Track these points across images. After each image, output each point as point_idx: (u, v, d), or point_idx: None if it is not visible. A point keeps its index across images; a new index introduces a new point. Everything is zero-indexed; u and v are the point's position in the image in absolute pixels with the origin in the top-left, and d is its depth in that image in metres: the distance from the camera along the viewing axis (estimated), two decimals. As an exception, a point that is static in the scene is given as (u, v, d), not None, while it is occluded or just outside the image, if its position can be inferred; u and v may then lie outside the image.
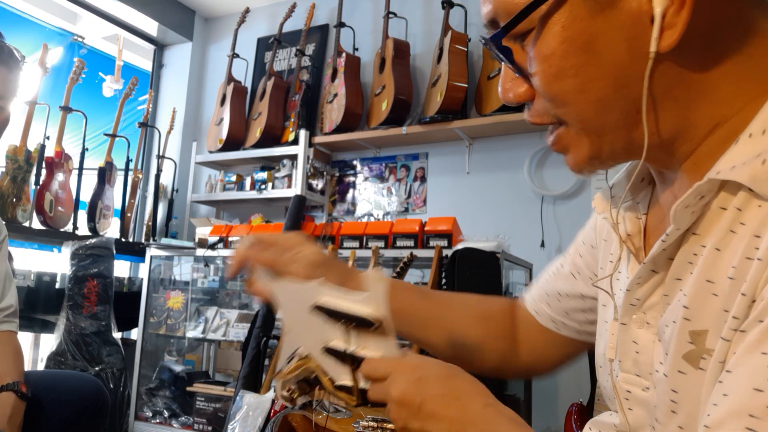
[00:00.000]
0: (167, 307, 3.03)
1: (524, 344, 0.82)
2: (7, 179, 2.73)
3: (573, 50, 0.46)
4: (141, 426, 2.83)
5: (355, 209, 3.24)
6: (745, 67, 0.46)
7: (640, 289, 0.54)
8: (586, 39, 0.46)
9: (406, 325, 0.78)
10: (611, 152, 0.51)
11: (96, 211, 3.11)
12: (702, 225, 0.47)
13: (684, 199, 0.46)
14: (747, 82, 0.46)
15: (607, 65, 0.46)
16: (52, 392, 1.40)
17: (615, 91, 0.47)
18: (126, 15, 3.62)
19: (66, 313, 2.74)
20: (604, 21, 0.45)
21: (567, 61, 0.47)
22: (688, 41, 0.44)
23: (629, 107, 0.47)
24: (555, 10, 0.46)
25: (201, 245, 2.90)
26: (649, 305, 0.54)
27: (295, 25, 3.45)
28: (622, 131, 0.49)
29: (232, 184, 3.39)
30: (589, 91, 0.47)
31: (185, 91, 3.87)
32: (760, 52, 0.46)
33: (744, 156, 0.43)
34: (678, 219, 0.47)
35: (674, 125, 0.48)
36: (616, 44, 0.45)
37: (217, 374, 3.10)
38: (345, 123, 3.05)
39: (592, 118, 0.49)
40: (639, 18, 0.44)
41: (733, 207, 0.44)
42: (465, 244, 2.15)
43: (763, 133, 0.43)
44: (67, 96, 3.03)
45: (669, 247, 0.50)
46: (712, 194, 0.46)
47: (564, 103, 0.49)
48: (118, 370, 2.79)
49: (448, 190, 2.97)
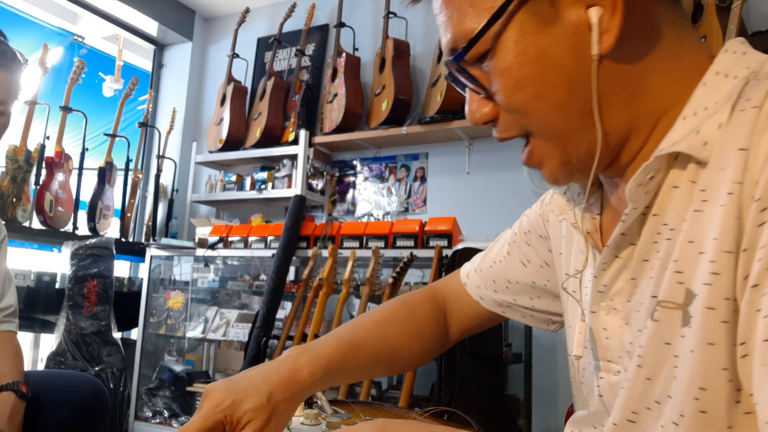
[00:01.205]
0: (167, 307, 3.03)
1: (456, 326, 0.87)
2: (7, 179, 2.73)
3: (527, 61, 0.51)
4: (141, 426, 2.83)
5: (355, 209, 3.24)
6: (675, 63, 0.52)
7: (605, 275, 0.57)
8: (537, 50, 0.51)
9: (353, 379, 0.78)
10: (578, 157, 0.55)
11: (96, 211, 3.11)
12: (659, 204, 0.51)
13: (635, 177, 0.50)
14: (678, 76, 0.52)
15: (558, 72, 0.51)
16: (52, 392, 1.40)
17: (568, 94, 0.52)
18: (126, 15, 3.62)
19: (66, 313, 2.74)
20: (551, 33, 0.51)
21: (523, 72, 0.52)
22: (623, 42, 0.50)
23: (583, 108, 0.52)
24: (506, 29, 0.51)
25: (201, 245, 2.90)
26: (615, 292, 0.57)
27: (295, 25, 3.45)
28: (582, 133, 0.53)
29: (232, 184, 3.39)
30: (546, 97, 0.52)
31: (185, 91, 3.87)
32: (685, 49, 0.53)
33: (681, 134, 0.49)
34: (633, 198, 0.51)
35: (624, 122, 0.53)
36: (564, 52, 0.51)
37: (217, 374, 3.10)
38: (345, 123, 3.05)
39: (552, 123, 0.53)
40: (580, 27, 0.50)
41: (686, 181, 0.49)
42: (465, 244, 2.15)
43: (695, 114, 0.49)
44: (67, 96, 3.03)
45: (630, 231, 0.54)
46: (661, 174, 0.51)
47: (526, 111, 0.54)
48: (118, 370, 2.79)
49: (448, 190, 2.97)
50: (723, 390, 0.44)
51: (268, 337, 2.45)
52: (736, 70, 0.50)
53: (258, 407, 0.61)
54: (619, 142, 0.54)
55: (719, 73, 0.50)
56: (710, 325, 0.44)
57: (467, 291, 0.86)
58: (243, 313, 2.90)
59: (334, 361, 0.69)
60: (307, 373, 0.66)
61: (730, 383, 0.44)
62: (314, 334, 2.27)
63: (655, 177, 0.51)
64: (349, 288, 2.32)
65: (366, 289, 2.26)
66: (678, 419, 0.48)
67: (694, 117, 0.49)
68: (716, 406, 0.45)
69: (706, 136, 0.47)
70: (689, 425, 0.47)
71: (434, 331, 0.84)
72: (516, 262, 0.79)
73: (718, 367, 0.44)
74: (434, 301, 0.87)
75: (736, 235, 0.43)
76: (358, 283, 2.36)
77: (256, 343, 2.43)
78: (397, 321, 0.81)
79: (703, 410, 0.46)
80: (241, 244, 2.81)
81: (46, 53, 2.91)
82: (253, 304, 3.02)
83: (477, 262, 0.86)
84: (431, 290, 0.89)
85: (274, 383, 0.64)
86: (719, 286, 0.44)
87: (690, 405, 0.46)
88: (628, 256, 0.55)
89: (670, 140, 0.50)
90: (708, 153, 0.47)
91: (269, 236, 2.75)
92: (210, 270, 3.13)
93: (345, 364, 0.71)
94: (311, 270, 2.47)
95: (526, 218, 0.80)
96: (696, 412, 0.46)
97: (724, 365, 0.44)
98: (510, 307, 0.82)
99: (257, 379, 0.64)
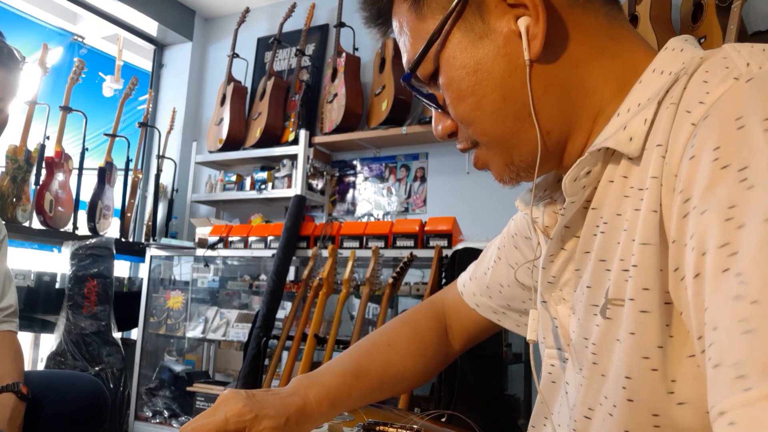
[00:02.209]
0: (167, 307, 3.03)
1: (458, 339, 0.88)
2: (7, 179, 2.73)
3: (465, 74, 0.55)
4: (141, 426, 2.83)
5: (355, 209, 3.24)
6: (610, 62, 0.55)
7: (553, 266, 0.60)
8: (473, 63, 0.55)
9: (360, 405, 0.80)
10: (520, 157, 0.58)
11: (96, 211, 3.11)
12: (597, 198, 0.54)
13: (570, 172, 0.52)
14: (615, 75, 0.55)
15: (493, 80, 0.55)
16: (52, 392, 1.40)
17: (503, 100, 0.55)
18: (126, 15, 3.62)
19: (66, 313, 2.74)
20: (483, 45, 0.55)
21: (463, 84, 0.56)
22: (551, 47, 0.53)
23: (519, 111, 0.55)
24: (444, 48, 0.56)
25: (201, 245, 2.90)
26: (563, 282, 0.59)
27: (295, 25, 3.45)
28: (521, 135, 0.56)
29: (232, 184, 3.39)
30: (485, 106, 0.56)
31: (185, 91, 3.87)
32: (623, 49, 0.55)
33: (613, 129, 0.52)
34: (569, 192, 0.53)
35: (561, 121, 0.56)
36: (497, 62, 0.54)
37: (217, 374, 3.10)
38: (345, 123, 3.05)
39: (491, 129, 0.57)
40: (510, 37, 0.54)
41: (619, 176, 0.51)
42: (465, 244, 2.15)
43: (627, 111, 0.52)
44: (67, 96, 3.03)
45: (573, 223, 0.57)
46: (597, 168, 0.53)
47: (470, 121, 0.57)
48: (118, 370, 2.79)
49: (448, 190, 2.97)
50: (647, 378, 0.46)
51: (268, 337, 2.45)
52: (671, 66, 0.51)
53: (276, 428, 0.65)
54: (560, 140, 0.57)
55: (655, 71, 0.52)
56: (631, 315, 0.46)
57: (464, 300, 0.87)
58: (243, 313, 2.90)
59: (340, 393, 0.72)
60: (315, 406, 0.70)
61: (654, 372, 0.45)
62: (314, 334, 2.27)
63: (592, 171, 0.53)
64: (349, 288, 2.32)
65: (366, 289, 2.26)
66: (612, 410, 0.49)
67: (627, 113, 0.52)
68: (641, 394, 0.46)
69: (632, 132, 0.49)
70: (619, 414, 0.48)
71: (437, 347, 0.85)
72: (505, 265, 0.80)
73: (639, 355, 0.45)
74: (435, 317, 0.88)
75: (654, 227, 0.44)
76: (358, 283, 2.36)
77: (256, 343, 2.43)
78: (401, 344, 0.83)
79: (630, 398, 0.47)
80: (241, 244, 2.81)
81: (46, 53, 2.91)
82: (253, 304, 3.02)
83: (471, 270, 0.88)
84: (431, 305, 0.90)
85: (291, 410, 0.67)
86: (638, 277, 0.45)
87: (619, 395, 0.48)
88: (572, 248, 0.58)
89: (603, 136, 0.52)
90: (634, 148, 0.49)
91: (269, 236, 2.75)
92: (210, 270, 3.13)
93: (351, 394, 0.74)
94: (311, 270, 2.47)
95: (513, 222, 0.82)
96: (624, 400, 0.47)
97: (644, 354, 0.45)
98: (505, 314, 0.83)
99: (276, 402, 0.67)
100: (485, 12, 0.54)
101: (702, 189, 0.39)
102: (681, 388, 0.44)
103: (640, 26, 2.35)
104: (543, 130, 0.55)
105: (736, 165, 0.37)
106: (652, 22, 2.28)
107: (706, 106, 0.42)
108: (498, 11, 0.54)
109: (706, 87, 0.44)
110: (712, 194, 0.38)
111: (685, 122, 0.44)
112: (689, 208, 0.40)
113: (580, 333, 0.55)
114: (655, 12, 2.30)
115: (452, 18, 0.55)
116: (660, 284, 0.44)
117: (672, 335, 0.44)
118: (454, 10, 0.55)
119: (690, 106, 0.44)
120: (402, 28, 0.60)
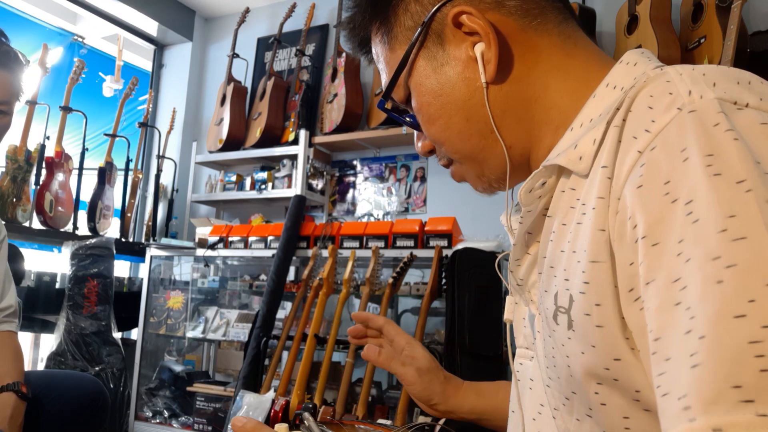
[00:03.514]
0: (167, 307, 3.03)
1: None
2: (7, 179, 2.73)
3: (431, 99, 0.61)
4: (141, 426, 2.83)
5: (355, 209, 3.24)
6: (563, 79, 0.58)
7: (520, 270, 0.63)
8: (437, 88, 0.60)
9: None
10: (490, 170, 0.62)
11: (96, 211, 3.11)
12: (552, 206, 0.56)
13: (525, 184, 0.56)
14: (570, 90, 0.58)
15: (456, 103, 0.59)
16: (52, 392, 1.40)
17: (467, 121, 0.60)
18: (126, 15, 3.62)
19: (66, 313, 2.74)
20: (445, 72, 0.59)
21: (431, 108, 0.61)
22: (505, 68, 0.58)
23: (482, 130, 0.60)
24: (411, 75, 0.62)
25: (201, 245, 2.90)
26: (531, 284, 0.62)
27: (295, 25, 3.45)
28: (487, 151, 0.61)
29: (232, 184, 3.39)
30: (452, 127, 0.61)
31: (185, 91, 3.87)
32: (577, 64, 0.58)
33: (565, 145, 0.54)
34: (524, 202, 0.56)
35: (523, 135, 0.60)
36: (458, 86, 0.59)
37: (217, 374, 3.10)
38: (345, 123, 3.05)
39: (460, 147, 0.62)
40: (468, 62, 0.58)
41: (569, 188, 0.53)
42: (465, 244, 2.15)
43: (580, 126, 0.54)
44: (67, 96, 3.03)
45: (534, 230, 0.60)
46: (552, 179, 0.55)
47: (441, 141, 0.63)
48: (118, 370, 2.79)
49: (448, 190, 2.97)
50: (612, 386, 0.48)
51: (268, 337, 2.45)
52: (623, 81, 0.53)
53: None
54: (523, 153, 0.61)
55: (609, 85, 0.54)
56: (588, 329, 0.47)
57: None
58: (243, 313, 2.90)
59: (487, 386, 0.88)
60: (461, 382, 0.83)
61: (616, 382, 0.47)
62: (314, 334, 2.27)
63: (547, 182, 0.55)
64: (349, 288, 2.33)
65: (366, 289, 2.27)
66: (588, 411, 0.51)
67: (580, 129, 0.54)
68: (612, 398, 0.48)
69: (581, 151, 0.51)
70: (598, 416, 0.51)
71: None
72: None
73: (602, 366, 0.47)
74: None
75: (603, 245, 0.46)
76: (358, 283, 2.36)
77: (256, 343, 2.43)
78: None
79: (603, 403, 0.49)
80: (241, 244, 2.81)
81: (46, 53, 2.91)
82: (253, 304, 3.02)
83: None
84: None
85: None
86: (590, 293, 0.47)
87: (593, 399, 0.50)
88: (535, 253, 0.60)
89: (556, 151, 0.55)
90: (583, 167, 0.51)
91: (269, 236, 2.75)
92: (210, 270, 3.13)
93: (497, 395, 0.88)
94: (311, 270, 2.47)
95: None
96: (598, 405, 0.49)
97: (605, 365, 0.47)
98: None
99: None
100: (445, 41, 0.59)
101: (653, 221, 0.40)
102: (647, 395, 0.46)
103: (640, 26, 2.35)
104: (507, 145, 0.60)
105: (683, 199, 0.38)
106: (652, 22, 2.28)
107: (652, 135, 0.43)
108: (456, 39, 0.59)
109: (651, 114, 0.45)
110: (663, 227, 0.39)
111: (630, 148, 0.45)
112: (638, 235, 0.41)
113: (543, 332, 0.57)
114: (655, 12, 2.30)
115: (416, 47, 0.60)
116: (614, 299, 0.45)
117: (634, 348, 0.45)
118: (416, 40, 0.60)
119: (636, 131, 0.45)
120: (378, 58, 0.66)
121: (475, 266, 2.07)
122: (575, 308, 0.49)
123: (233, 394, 2.33)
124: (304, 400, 2.16)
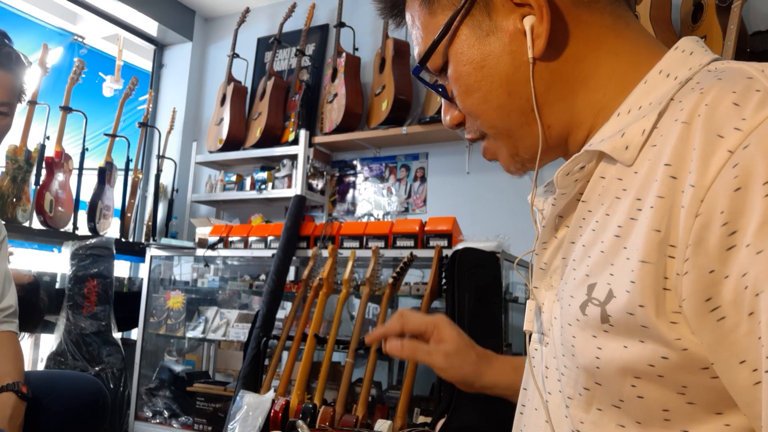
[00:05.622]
0: (167, 307, 3.03)
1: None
2: (7, 179, 2.73)
3: (472, 70, 0.58)
4: (141, 426, 2.83)
5: (355, 209, 3.24)
6: (613, 61, 0.56)
7: (545, 253, 0.62)
8: (480, 59, 0.57)
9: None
10: (525, 149, 0.61)
11: (96, 211, 3.11)
12: (587, 192, 0.55)
13: (564, 167, 0.55)
14: (617, 73, 0.56)
15: (499, 76, 0.57)
16: (52, 392, 1.40)
17: (509, 96, 0.58)
18: (126, 15, 3.62)
19: (66, 313, 2.74)
20: (490, 43, 0.57)
21: (470, 79, 0.58)
22: (554, 45, 0.55)
23: (523, 107, 0.57)
24: (453, 43, 0.58)
25: (201, 245, 2.90)
26: (553, 269, 0.61)
27: (295, 25, 3.45)
28: (525, 129, 0.59)
29: (232, 184, 3.39)
30: (491, 100, 0.58)
31: (185, 91, 3.87)
32: (628, 47, 0.56)
33: (611, 131, 0.53)
34: (560, 184, 0.56)
35: (564, 116, 0.58)
36: (503, 58, 0.57)
37: (217, 374, 3.10)
38: (345, 123, 3.05)
39: (497, 123, 0.60)
40: (515, 35, 0.56)
41: (613, 177, 0.52)
42: (465, 244, 2.15)
43: (628, 112, 0.53)
44: (67, 96, 3.03)
45: (566, 213, 0.59)
46: (592, 164, 0.54)
47: (477, 114, 0.60)
48: (118, 370, 2.79)
49: (448, 190, 2.97)
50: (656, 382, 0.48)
51: (268, 337, 2.45)
52: (678, 70, 0.51)
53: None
54: (561, 134, 0.59)
55: (662, 72, 0.52)
56: (633, 327, 0.46)
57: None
58: (243, 313, 2.90)
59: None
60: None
61: (660, 378, 0.46)
62: (314, 334, 2.27)
63: (587, 167, 0.55)
64: (349, 288, 2.32)
65: (366, 289, 2.26)
66: (618, 402, 0.50)
67: (628, 115, 0.53)
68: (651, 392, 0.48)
69: (629, 140, 0.50)
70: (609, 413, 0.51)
71: None
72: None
73: (646, 363, 0.47)
74: None
75: (656, 247, 0.45)
76: (358, 283, 2.36)
77: (256, 343, 2.43)
78: None
79: (641, 396, 0.48)
80: (241, 244, 2.81)
81: (46, 53, 2.91)
82: (253, 304, 3.02)
83: None
84: None
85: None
86: (635, 294, 0.46)
87: (628, 392, 0.49)
88: (562, 237, 0.59)
89: (600, 136, 0.54)
90: (629, 157, 0.50)
91: (269, 236, 2.75)
92: (210, 270, 3.13)
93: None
94: (311, 270, 2.47)
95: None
96: (632, 397, 0.48)
97: (650, 362, 0.46)
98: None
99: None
100: (492, 10, 0.56)
101: (756, 226, 0.38)
102: (694, 392, 0.46)
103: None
104: (545, 125, 0.58)
105: None
106: (652, 22, 2.28)
107: (744, 133, 0.41)
108: (505, 10, 0.56)
109: (739, 111, 0.42)
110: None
111: (717, 148, 0.42)
112: (737, 242, 0.40)
113: (562, 320, 0.55)
114: (655, 12, 2.30)
115: (461, 14, 0.57)
116: (656, 302, 0.45)
117: (686, 348, 0.45)
118: (462, 7, 0.57)
119: (722, 130, 0.42)
120: (414, 22, 0.62)
121: (475, 266, 2.07)
122: (616, 305, 0.47)
123: (233, 394, 2.33)
124: (304, 400, 2.16)
